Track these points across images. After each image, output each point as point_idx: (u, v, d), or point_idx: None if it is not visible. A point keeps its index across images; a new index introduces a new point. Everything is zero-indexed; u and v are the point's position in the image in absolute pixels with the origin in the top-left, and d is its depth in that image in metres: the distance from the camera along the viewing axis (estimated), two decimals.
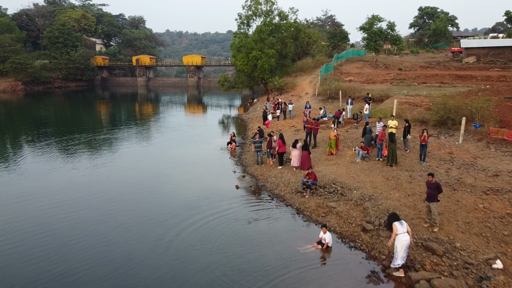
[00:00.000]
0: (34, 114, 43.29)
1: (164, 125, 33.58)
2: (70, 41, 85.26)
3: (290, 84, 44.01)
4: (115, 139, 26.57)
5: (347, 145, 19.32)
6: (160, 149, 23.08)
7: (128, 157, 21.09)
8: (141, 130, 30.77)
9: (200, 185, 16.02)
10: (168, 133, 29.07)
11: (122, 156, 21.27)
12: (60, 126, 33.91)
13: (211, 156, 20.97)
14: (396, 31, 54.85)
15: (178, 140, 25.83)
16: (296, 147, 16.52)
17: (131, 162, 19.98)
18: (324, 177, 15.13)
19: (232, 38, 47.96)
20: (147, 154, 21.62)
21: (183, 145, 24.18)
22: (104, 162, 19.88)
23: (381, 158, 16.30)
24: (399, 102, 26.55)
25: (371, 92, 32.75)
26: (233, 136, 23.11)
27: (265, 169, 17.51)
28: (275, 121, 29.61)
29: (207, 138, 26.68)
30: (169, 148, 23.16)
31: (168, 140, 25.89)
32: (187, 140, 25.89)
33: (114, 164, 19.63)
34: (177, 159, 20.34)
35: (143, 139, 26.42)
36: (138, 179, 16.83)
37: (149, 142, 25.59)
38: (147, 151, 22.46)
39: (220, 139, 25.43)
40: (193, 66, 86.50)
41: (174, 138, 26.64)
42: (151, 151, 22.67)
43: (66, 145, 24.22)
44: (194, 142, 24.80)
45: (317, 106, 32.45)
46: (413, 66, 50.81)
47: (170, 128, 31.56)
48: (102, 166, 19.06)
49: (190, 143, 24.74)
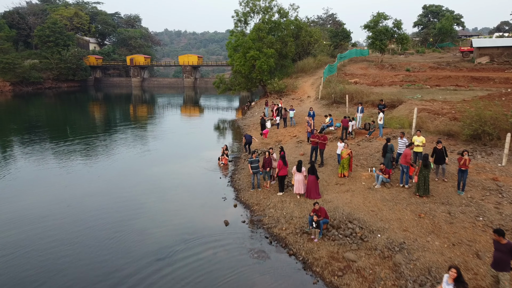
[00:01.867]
0: (21, 116, 40.31)
1: (152, 133, 30.34)
2: (62, 40, 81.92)
3: (291, 86, 40.78)
4: (92, 148, 23.34)
5: (360, 164, 16.12)
6: (140, 165, 19.79)
7: (98, 175, 17.84)
8: (125, 139, 27.50)
9: (180, 220, 12.80)
10: (154, 142, 25.80)
11: (91, 174, 18.01)
12: (41, 131, 30.63)
13: (198, 175, 17.72)
14: (402, 29, 51.69)
15: (164, 153, 22.54)
16: (301, 170, 13.31)
17: (99, 184, 16.65)
18: (337, 211, 11.93)
19: (228, 37, 44.68)
20: (122, 173, 18.29)
21: (167, 159, 20.88)
22: (68, 183, 16.64)
23: (406, 185, 13.08)
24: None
25: (381, 97, 29.61)
26: (226, 150, 19.89)
27: (263, 196, 14.29)
28: (274, 129, 26.39)
29: (196, 149, 23.44)
30: (151, 164, 19.84)
31: (152, 153, 22.63)
32: (174, 152, 22.59)
33: (77, 185, 16.37)
34: (157, 180, 17.04)
35: (124, 151, 23.13)
36: (101, 212, 13.45)
37: (129, 155, 22.30)
38: (123, 168, 19.14)
39: (211, 151, 22.20)
40: (189, 66, 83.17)
41: (159, 150, 23.36)
42: (129, 167, 19.38)
43: (36, 154, 21.01)
44: (181, 156, 21.51)
45: (321, 112, 29.27)
46: (422, 66, 47.71)
47: (158, 136, 28.30)
48: (62, 190, 15.80)
49: (176, 156, 21.44)
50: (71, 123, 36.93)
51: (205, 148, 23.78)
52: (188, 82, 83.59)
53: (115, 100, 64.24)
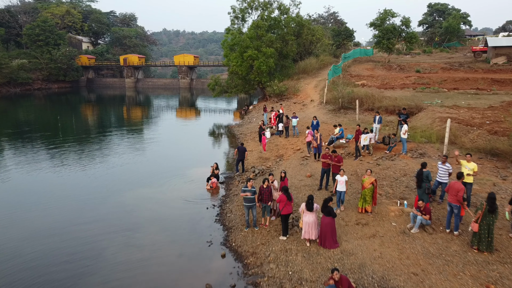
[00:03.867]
0: (7, 119, 37.16)
1: (138, 142, 26.83)
2: (52, 39, 78.49)
3: (292, 89, 37.32)
4: (63, 162, 19.82)
5: (383, 192, 12.70)
6: (113, 188, 16.23)
7: (52, 204, 14.33)
8: (107, 150, 23.98)
9: (145, 284, 9.31)
10: (137, 155, 22.27)
11: (44, 202, 14.49)
12: (21, 136, 27.10)
13: (180, 205, 14.20)
14: (411, 27, 48.29)
15: (145, 170, 18.99)
16: (313, 209, 9.88)
17: (47, 217, 13.09)
18: (364, 271, 8.51)
19: (224, 35, 41.19)
20: (85, 201, 14.56)
21: (147, 179, 17.31)
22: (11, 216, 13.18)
23: (456, 231, 9.64)
24: (439, 119, 19.95)
25: (395, 102, 26.17)
26: (216, 169, 16.41)
27: (260, 239, 10.84)
28: (274, 140, 22.94)
29: (183, 165, 19.95)
30: (125, 187, 16.27)
31: (131, 169, 19.10)
32: (157, 169, 19.00)
33: (17, 223, 12.90)
34: (128, 212, 13.40)
35: (99, 168, 19.57)
36: (35, 265, 9.98)
37: (103, 172, 18.75)
38: (89, 193, 15.43)
39: (200, 167, 18.73)
40: (185, 66, 79.61)
41: (141, 166, 19.82)
42: (98, 191, 15.79)
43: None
44: (164, 174, 17.94)
45: (327, 119, 25.85)
46: (433, 67, 44.36)
47: (143, 147, 24.75)
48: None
49: (158, 175, 17.86)
50: (53, 129, 33.36)
51: (194, 163, 20.27)
52: (184, 83, 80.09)
53: (107, 102, 60.83)
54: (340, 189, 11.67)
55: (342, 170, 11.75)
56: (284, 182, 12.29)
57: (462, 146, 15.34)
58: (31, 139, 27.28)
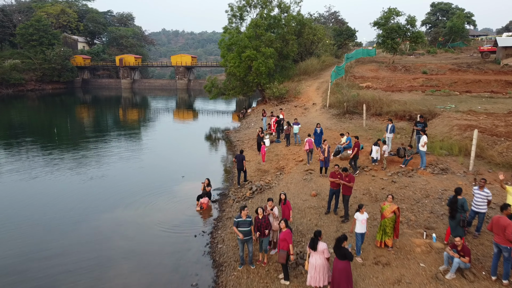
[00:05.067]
0: None
1: (127, 150, 24.77)
2: (46, 39, 76.46)
3: (293, 91, 35.29)
4: (40, 175, 17.83)
5: (404, 218, 10.68)
6: (89, 208, 13.99)
7: (11, 229, 12.28)
8: (92, 158, 21.95)
9: None
10: (124, 166, 20.21)
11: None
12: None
13: (164, 232, 12.09)
14: (417, 27, 46.30)
15: (129, 185, 16.81)
16: (317, 249, 7.86)
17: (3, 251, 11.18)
18: None
19: (221, 34, 39.14)
20: (55, 225, 12.51)
21: (130, 197, 15.06)
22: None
23: (505, 280, 7.62)
24: (458, 127, 17.95)
25: (405, 106, 24.11)
26: (207, 185, 14.36)
27: (257, 283, 8.80)
28: (274, 148, 20.90)
29: (172, 178, 17.82)
30: (104, 207, 14.06)
31: (113, 184, 17.04)
32: (142, 184, 16.78)
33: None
34: (100, 242, 11.01)
35: (80, 181, 17.51)
36: None
37: (83, 187, 16.67)
38: (61, 214, 13.42)
39: (190, 181, 16.70)
40: (182, 67, 77.52)
41: (125, 180, 17.70)
42: (73, 212, 13.77)
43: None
44: (150, 191, 15.79)
45: (331, 125, 23.85)
46: (440, 68, 42.34)
47: (131, 156, 22.66)
48: None
49: (143, 192, 15.64)
50: (41, 133, 31.31)
51: (185, 176, 18.21)
52: (181, 84, 78.01)
53: (101, 104, 58.91)
54: (359, 231, 9.07)
55: (363, 207, 9.21)
56: (286, 205, 10.28)
57: (490, 160, 13.33)
58: (14, 145, 25.27)
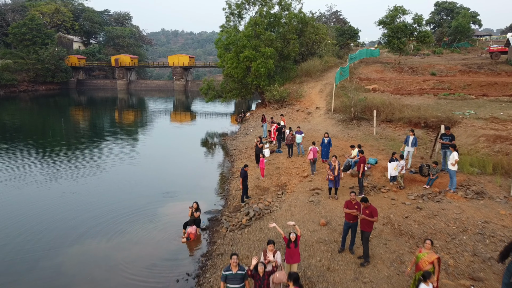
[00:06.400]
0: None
1: (109, 159, 22.51)
2: (40, 38, 74.27)
3: (294, 94, 33.07)
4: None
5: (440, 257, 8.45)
6: (49, 238, 11.71)
7: None
8: (57, 178, 19.68)
9: None
10: (102, 181, 17.97)
11: None
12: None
13: (137, 273, 9.65)
14: (424, 25, 44.16)
15: (101, 208, 14.02)
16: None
17: None
18: None
19: (218, 33, 36.94)
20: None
21: (99, 225, 12.32)
22: None
23: None
24: (485, 138, 15.74)
25: (419, 112, 21.83)
26: (196, 210, 12.07)
27: None
28: (275, 159, 18.68)
29: (155, 199, 15.18)
30: (68, 238, 11.57)
31: (84, 208, 14.55)
32: (117, 207, 14.11)
33: None
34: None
35: (45, 198, 15.33)
36: None
37: (48, 208, 14.49)
38: (11, 249, 11.27)
39: (178, 201, 14.46)
40: (179, 67, 75.27)
41: (98, 200, 15.13)
42: (24, 246, 11.58)
43: None
44: (124, 217, 13.14)
45: (337, 132, 21.63)
46: (449, 70, 40.18)
47: (112, 169, 20.40)
48: None
49: (116, 219, 12.93)
50: (27, 136, 29.06)
51: (172, 194, 15.82)
52: (179, 85, 75.74)
53: (95, 106, 56.72)
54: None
55: (431, 277, 6.36)
56: (295, 252, 8.02)
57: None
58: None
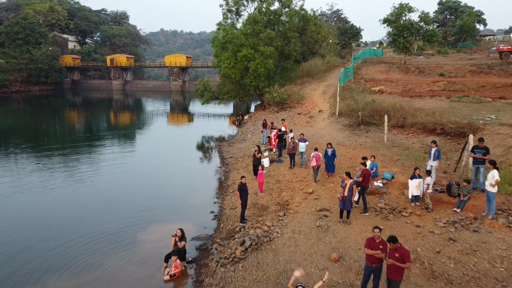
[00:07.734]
0: None
1: (88, 170, 20.46)
2: (33, 38, 72.42)
3: (296, 96, 30.98)
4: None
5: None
6: (6, 270, 9.90)
7: None
8: (27, 190, 17.70)
9: None
10: (82, 198, 15.91)
11: None
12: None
13: None
14: (431, 24, 42.14)
15: (75, 233, 11.77)
16: None
17: None
18: None
19: (215, 31, 34.91)
20: None
21: (67, 256, 10.13)
22: None
23: None
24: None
25: (434, 117, 19.76)
26: (180, 239, 9.94)
27: None
28: (275, 170, 16.62)
29: (136, 222, 12.93)
30: (29, 275, 9.76)
31: (56, 234, 12.38)
32: (93, 232, 11.80)
33: None
34: None
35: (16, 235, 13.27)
36: None
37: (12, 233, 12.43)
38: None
39: (162, 225, 12.39)
40: (176, 67, 73.19)
41: (74, 224, 12.72)
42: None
43: None
44: (100, 245, 10.94)
45: (343, 138, 19.59)
46: (458, 70, 38.20)
47: (92, 179, 18.38)
48: None
49: (91, 248, 10.65)
50: (11, 140, 27.01)
51: (153, 215, 13.61)
52: (176, 86, 73.70)
53: (89, 107, 54.74)
54: None
55: None
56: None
57: None
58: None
